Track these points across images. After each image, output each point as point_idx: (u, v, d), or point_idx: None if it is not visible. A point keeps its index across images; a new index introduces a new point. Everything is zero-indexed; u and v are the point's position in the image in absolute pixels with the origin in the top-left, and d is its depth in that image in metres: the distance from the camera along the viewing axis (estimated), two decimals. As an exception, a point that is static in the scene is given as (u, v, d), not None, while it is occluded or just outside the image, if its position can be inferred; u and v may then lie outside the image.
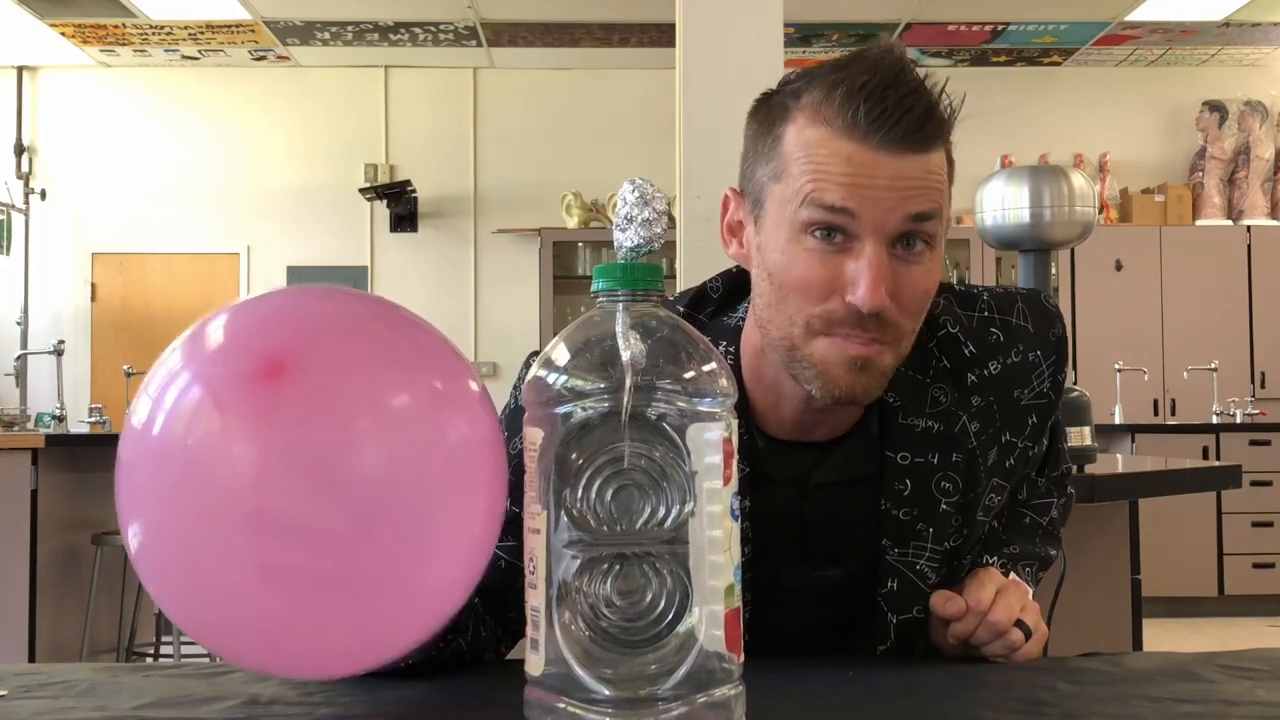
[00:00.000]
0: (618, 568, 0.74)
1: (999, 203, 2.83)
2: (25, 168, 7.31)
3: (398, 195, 7.16)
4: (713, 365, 0.77)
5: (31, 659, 4.04)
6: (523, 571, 0.77)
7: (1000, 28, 6.74)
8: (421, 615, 0.83)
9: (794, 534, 1.13)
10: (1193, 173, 7.37)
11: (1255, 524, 6.32)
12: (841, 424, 1.12)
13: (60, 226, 7.32)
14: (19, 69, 7.30)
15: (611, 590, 0.74)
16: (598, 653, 0.74)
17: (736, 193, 1.10)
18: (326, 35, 6.81)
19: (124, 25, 6.56)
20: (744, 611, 0.77)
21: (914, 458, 1.12)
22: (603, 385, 0.74)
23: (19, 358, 6.47)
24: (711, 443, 0.75)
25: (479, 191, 7.41)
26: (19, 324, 7.20)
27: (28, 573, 4.11)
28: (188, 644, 4.61)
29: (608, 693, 0.73)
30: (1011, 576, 1.14)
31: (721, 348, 1.13)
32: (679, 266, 2.81)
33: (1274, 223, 7.19)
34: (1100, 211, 5.82)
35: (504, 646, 1.14)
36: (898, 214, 0.98)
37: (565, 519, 0.74)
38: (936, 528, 1.12)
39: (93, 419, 5.24)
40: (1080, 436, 2.65)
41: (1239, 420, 6.45)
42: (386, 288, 7.20)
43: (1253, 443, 6.27)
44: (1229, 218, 7.24)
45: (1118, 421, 6.21)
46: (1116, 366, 6.32)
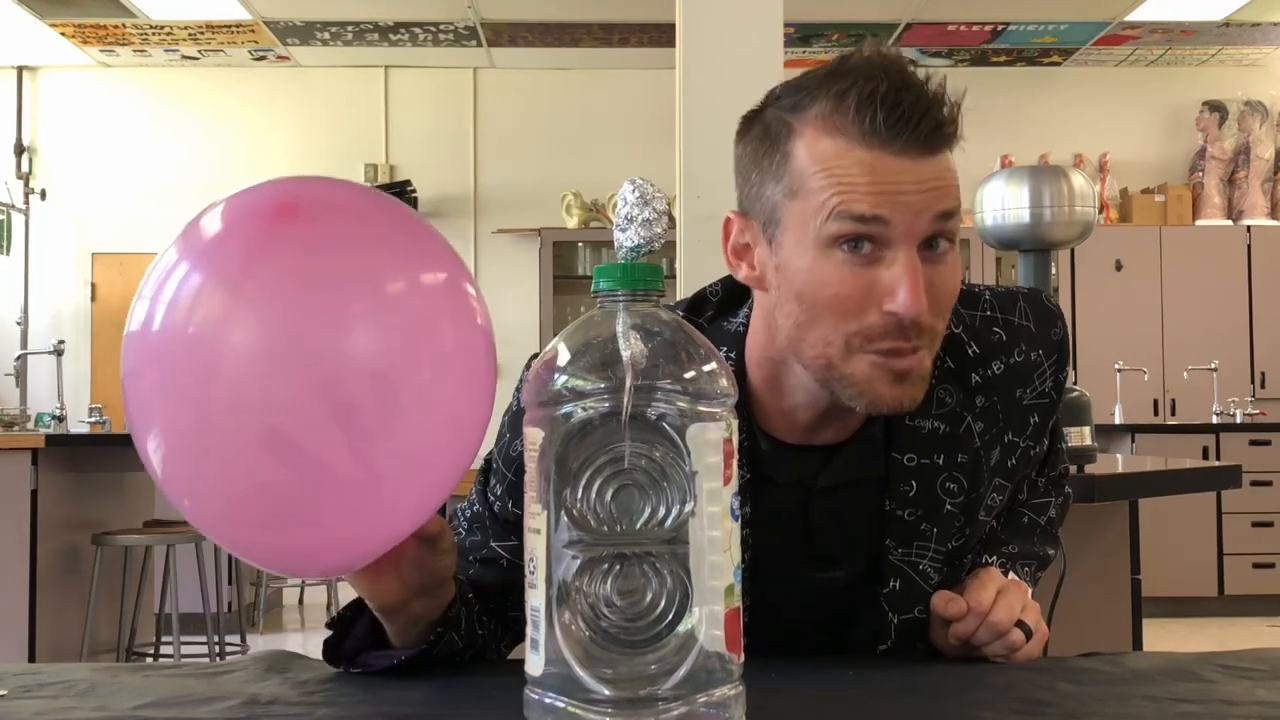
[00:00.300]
0: (618, 568, 0.74)
1: (999, 203, 2.83)
2: (25, 168, 7.31)
3: (398, 195, 7.10)
4: (713, 365, 0.77)
5: (31, 659, 4.04)
6: (523, 571, 0.77)
7: (1000, 28, 6.74)
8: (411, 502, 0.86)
9: (797, 537, 1.13)
10: (1193, 173, 7.37)
11: (1255, 524, 6.33)
12: (848, 427, 1.12)
13: (60, 226, 7.32)
14: (19, 69, 7.30)
15: (611, 590, 0.73)
16: (598, 653, 0.74)
17: (740, 214, 1.08)
18: (326, 35, 6.81)
19: (124, 25, 6.56)
20: (744, 613, 0.77)
21: (920, 459, 1.12)
22: (603, 385, 0.74)
23: (19, 358, 6.47)
24: (712, 443, 0.75)
25: (479, 191, 7.42)
26: (19, 324, 7.20)
27: (28, 573, 4.11)
28: (188, 644, 4.61)
29: (608, 693, 0.73)
30: (1011, 576, 1.14)
31: (722, 352, 1.12)
32: (679, 266, 2.81)
33: (1274, 223, 7.19)
34: (1100, 211, 5.81)
35: (505, 645, 1.14)
36: (926, 216, 0.98)
37: (565, 519, 0.74)
38: (940, 528, 1.12)
39: (93, 419, 5.24)
40: (1080, 436, 2.65)
41: (1239, 420, 6.45)
42: (386, 288, 7.18)
43: (1253, 443, 6.27)
44: (1229, 218, 7.24)
45: (1118, 421, 6.21)
46: (1116, 366, 6.32)
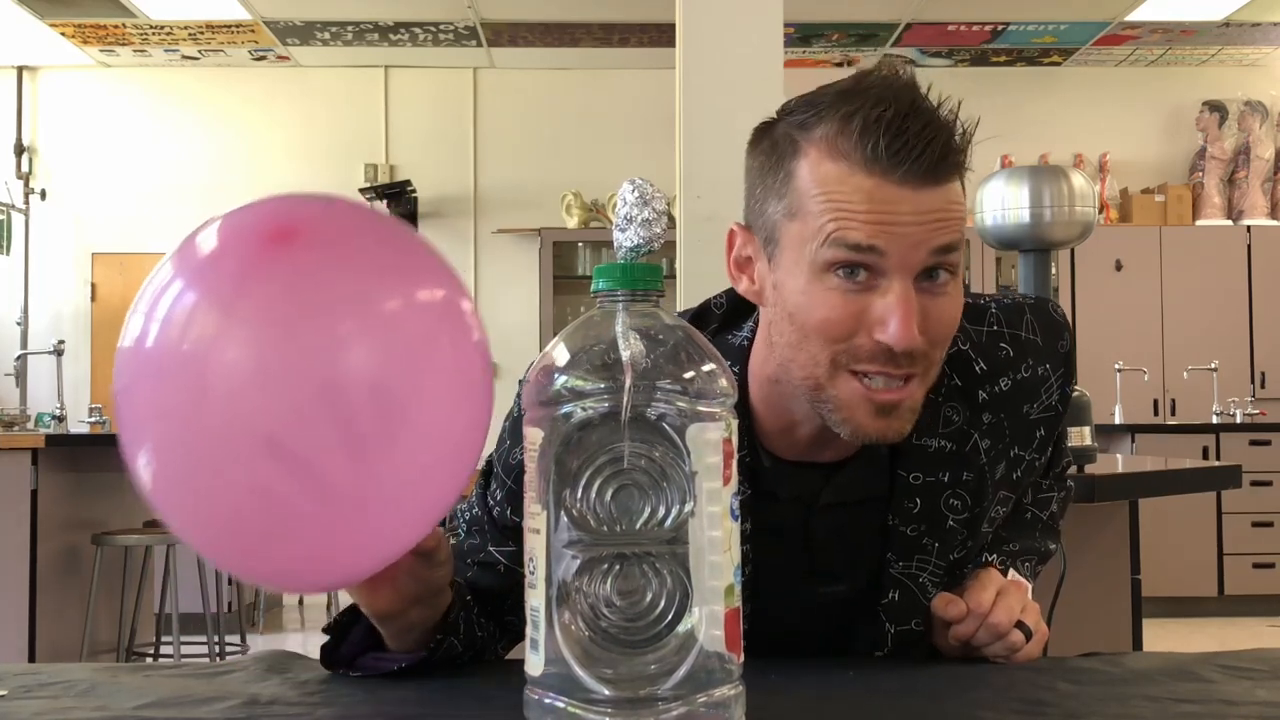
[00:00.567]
0: (618, 568, 0.74)
1: (999, 203, 2.83)
2: (25, 168, 7.31)
3: (398, 195, 7.15)
4: (712, 365, 0.77)
5: (31, 659, 4.04)
6: (521, 576, 0.77)
7: (1000, 28, 6.74)
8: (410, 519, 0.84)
9: (799, 552, 1.12)
10: (1193, 173, 7.37)
11: (1255, 524, 6.32)
12: (850, 445, 1.10)
13: (60, 226, 7.32)
14: (19, 69, 7.30)
15: (611, 590, 0.73)
16: (597, 653, 0.74)
17: (743, 227, 1.06)
18: (326, 35, 6.81)
19: (124, 25, 6.56)
20: (744, 624, 0.77)
21: (925, 477, 1.11)
22: (603, 385, 0.74)
23: (19, 358, 6.47)
24: (711, 443, 0.75)
25: (479, 191, 7.41)
26: (19, 324, 7.20)
27: (28, 573, 4.11)
28: (188, 644, 4.61)
29: (608, 693, 0.73)
30: (1011, 575, 1.14)
31: None
32: (679, 266, 2.81)
33: (1274, 223, 7.19)
34: (1100, 211, 5.81)
35: (501, 647, 1.14)
36: (923, 249, 0.96)
37: (565, 519, 0.74)
38: (942, 542, 1.12)
39: (93, 419, 5.23)
40: (1080, 436, 2.65)
41: (1239, 420, 6.45)
42: (386, 288, 7.18)
43: (1253, 443, 6.27)
44: (1229, 218, 7.23)
45: (1118, 421, 6.21)
46: (1116, 366, 6.32)
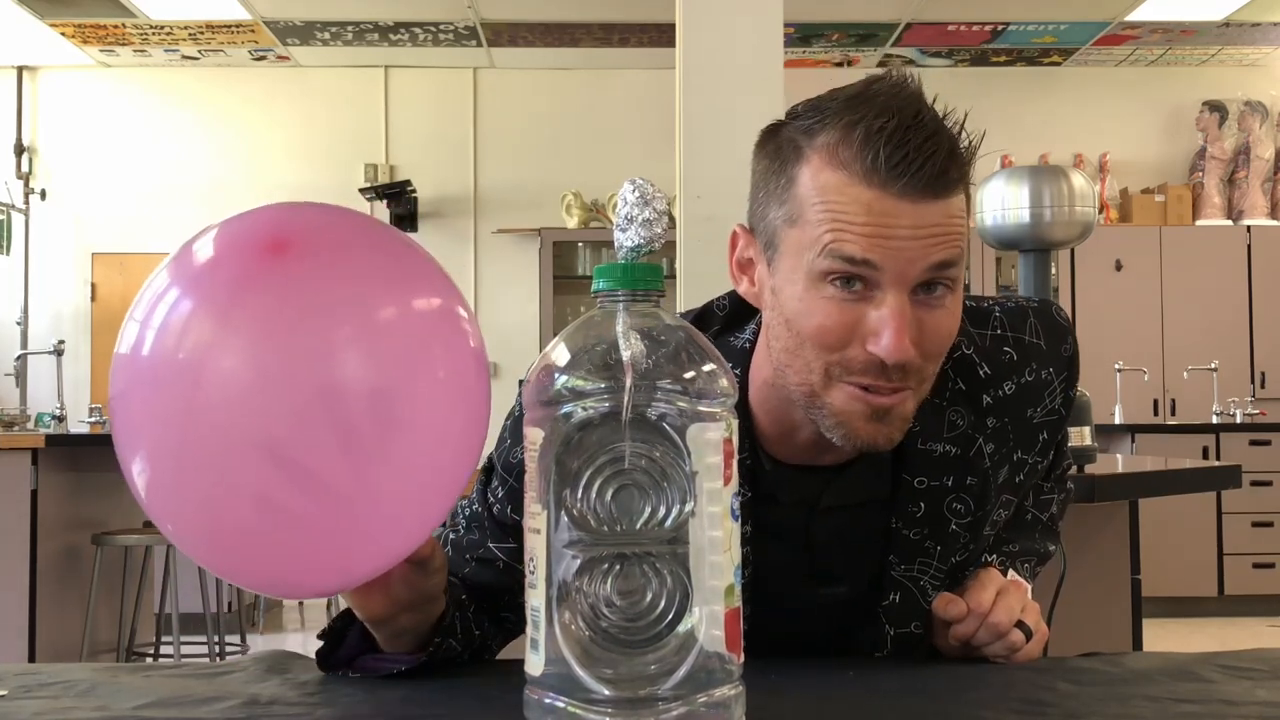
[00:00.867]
0: (618, 568, 0.74)
1: (999, 203, 2.83)
2: (25, 168, 7.31)
3: (398, 195, 7.15)
4: (713, 365, 0.77)
5: (31, 659, 4.04)
6: (520, 573, 0.77)
7: (1000, 28, 6.74)
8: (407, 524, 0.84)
9: (800, 555, 1.12)
10: (1193, 173, 7.37)
11: (1255, 524, 6.32)
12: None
13: (60, 226, 7.32)
14: (19, 69, 7.29)
15: (611, 590, 0.73)
16: (598, 653, 0.74)
17: (746, 229, 1.06)
18: (326, 35, 6.81)
19: (124, 25, 6.56)
20: (744, 626, 0.77)
21: (930, 481, 1.11)
22: (603, 385, 0.74)
23: (19, 358, 6.47)
24: (712, 443, 0.75)
25: (479, 191, 7.41)
26: (19, 324, 7.20)
27: (28, 573, 4.11)
28: (188, 644, 4.61)
29: (608, 693, 0.73)
30: (1011, 575, 1.14)
31: None
32: (679, 266, 2.81)
33: (1274, 223, 7.19)
34: (1100, 211, 5.81)
35: (495, 645, 1.14)
36: (920, 264, 0.95)
37: (565, 519, 0.74)
38: (944, 546, 1.12)
39: (93, 419, 5.23)
40: (1080, 436, 2.65)
41: (1239, 420, 6.45)
42: (386, 288, 7.17)
43: (1253, 443, 6.27)
44: (1229, 218, 7.23)
45: (1118, 421, 6.21)
46: (1116, 366, 6.32)
